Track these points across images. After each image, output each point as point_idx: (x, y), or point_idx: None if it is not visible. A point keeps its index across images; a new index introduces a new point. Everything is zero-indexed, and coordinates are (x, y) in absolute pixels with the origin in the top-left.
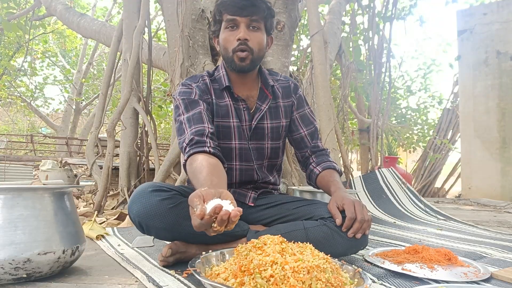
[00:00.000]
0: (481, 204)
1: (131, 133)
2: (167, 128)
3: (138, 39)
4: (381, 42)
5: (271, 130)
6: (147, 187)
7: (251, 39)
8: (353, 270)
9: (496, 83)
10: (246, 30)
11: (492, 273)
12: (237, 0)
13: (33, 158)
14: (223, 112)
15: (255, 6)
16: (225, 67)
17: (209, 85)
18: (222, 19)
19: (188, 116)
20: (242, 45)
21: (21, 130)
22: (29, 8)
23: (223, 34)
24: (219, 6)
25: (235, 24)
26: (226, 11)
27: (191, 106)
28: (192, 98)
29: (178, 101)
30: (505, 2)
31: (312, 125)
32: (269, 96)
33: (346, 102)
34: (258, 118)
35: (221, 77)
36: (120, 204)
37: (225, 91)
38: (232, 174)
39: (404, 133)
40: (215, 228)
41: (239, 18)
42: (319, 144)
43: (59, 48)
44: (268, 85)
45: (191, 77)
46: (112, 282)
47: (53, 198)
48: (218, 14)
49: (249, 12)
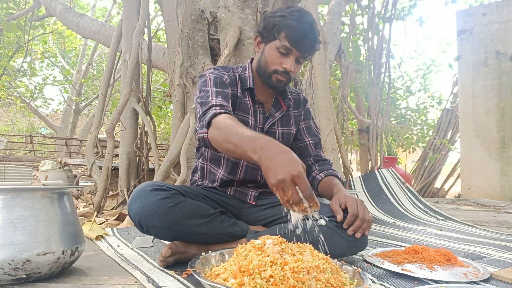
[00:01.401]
0: (481, 204)
1: (131, 133)
2: (167, 129)
3: (138, 39)
4: (381, 42)
5: (282, 136)
6: (147, 186)
7: (294, 71)
8: (353, 271)
9: (495, 83)
10: (294, 62)
11: (491, 273)
12: (303, 37)
13: (33, 158)
14: (244, 108)
15: (313, 48)
16: (252, 69)
17: (237, 79)
18: (278, 38)
19: (217, 90)
20: (285, 74)
21: (20, 130)
22: (29, 8)
23: (272, 52)
24: (282, 27)
25: (288, 53)
26: (288, 38)
27: (220, 86)
28: (223, 80)
29: (208, 77)
30: (505, 2)
31: (316, 137)
32: (284, 108)
33: (345, 103)
34: (271, 123)
35: (247, 77)
36: (119, 205)
37: (247, 91)
38: (237, 170)
39: (403, 134)
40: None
41: (295, 50)
42: (322, 154)
43: (58, 48)
44: (286, 98)
45: (223, 67)
46: (111, 283)
47: (53, 198)
48: (276, 31)
49: (305, 49)
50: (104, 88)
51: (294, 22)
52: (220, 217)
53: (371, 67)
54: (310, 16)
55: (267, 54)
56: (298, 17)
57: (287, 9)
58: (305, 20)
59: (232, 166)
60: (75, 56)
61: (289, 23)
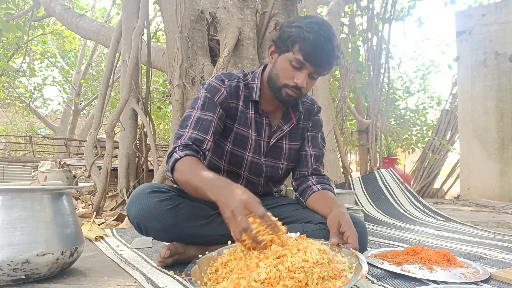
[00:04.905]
0: (480, 204)
1: (130, 134)
2: (166, 129)
3: (137, 40)
4: (380, 43)
5: (288, 151)
6: (145, 188)
7: (306, 87)
8: (351, 254)
9: (494, 84)
10: (306, 78)
11: (491, 274)
12: (319, 52)
13: (32, 159)
14: (244, 122)
15: (330, 64)
16: (261, 79)
17: (241, 89)
18: (292, 50)
19: (199, 116)
20: (296, 89)
21: (20, 131)
22: (28, 9)
23: (284, 64)
24: (297, 38)
25: (301, 67)
26: (302, 52)
27: (207, 108)
28: (214, 100)
29: (201, 93)
30: (504, 3)
31: (320, 150)
32: (294, 121)
33: (345, 103)
34: (278, 137)
35: (254, 88)
36: (119, 205)
37: (251, 103)
38: (238, 181)
39: (403, 134)
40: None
41: (308, 65)
42: (321, 169)
43: (58, 49)
44: (297, 110)
45: (227, 74)
46: (111, 283)
47: (52, 199)
48: (291, 43)
49: (319, 65)
50: (103, 89)
51: (310, 35)
52: (219, 218)
53: (370, 68)
54: (329, 29)
55: (279, 66)
56: (316, 30)
57: (305, 19)
58: (323, 34)
59: (232, 177)
60: (74, 56)
61: (305, 35)
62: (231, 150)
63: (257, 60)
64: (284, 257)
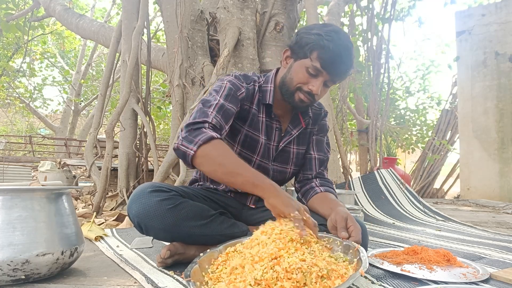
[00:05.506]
0: (480, 204)
1: (130, 134)
2: (166, 129)
3: (137, 40)
4: (380, 43)
5: (296, 156)
6: (146, 188)
7: (319, 94)
8: (353, 248)
9: (494, 84)
10: (321, 85)
11: (491, 274)
12: (337, 61)
13: (32, 159)
14: (255, 125)
15: (346, 74)
16: (275, 83)
17: (256, 93)
18: (310, 57)
19: (223, 104)
20: (309, 95)
21: (19, 131)
22: (28, 9)
23: (300, 70)
24: (316, 46)
25: (318, 74)
26: (320, 60)
27: (230, 100)
28: (237, 94)
29: (225, 84)
30: (503, 3)
31: (324, 154)
32: (303, 125)
33: (345, 103)
34: (286, 141)
35: (267, 92)
36: (119, 205)
37: (263, 106)
38: None
39: (403, 134)
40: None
41: (325, 73)
42: (325, 174)
43: (58, 49)
44: (306, 115)
45: (245, 76)
46: (110, 284)
47: (52, 199)
48: (309, 50)
49: (336, 74)
50: (103, 89)
51: (330, 44)
52: (219, 218)
53: (370, 68)
54: (347, 39)
55: (295, 71)
56: (336, 39)
57: (324, 27)
58: (341, 43)
59: None
60: (74, 56)
61: (324, 43)
62: (239, 152)
63: (257, 60)
64: (281, 258)
